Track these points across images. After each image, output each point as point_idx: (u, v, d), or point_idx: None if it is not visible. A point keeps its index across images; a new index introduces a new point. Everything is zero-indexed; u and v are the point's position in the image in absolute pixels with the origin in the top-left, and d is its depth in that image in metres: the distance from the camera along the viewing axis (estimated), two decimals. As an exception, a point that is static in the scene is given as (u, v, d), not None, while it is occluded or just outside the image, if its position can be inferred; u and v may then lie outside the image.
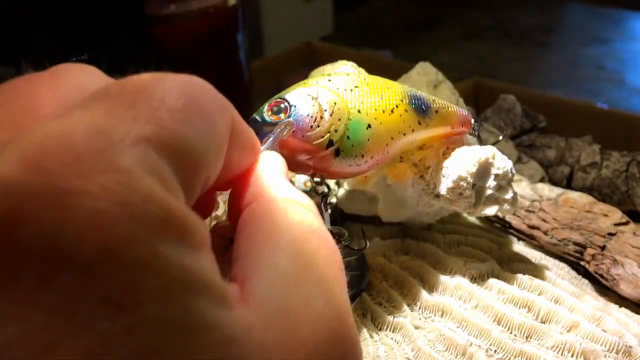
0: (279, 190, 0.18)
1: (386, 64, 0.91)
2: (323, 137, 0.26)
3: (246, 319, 0.13)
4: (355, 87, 0.29)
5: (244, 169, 0.19)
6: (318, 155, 0.27)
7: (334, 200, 0.40)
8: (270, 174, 0.19)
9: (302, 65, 0.94)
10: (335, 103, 0.27)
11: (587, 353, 0.32)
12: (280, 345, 0.14)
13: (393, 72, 0.50)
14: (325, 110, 0.27)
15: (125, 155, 0.12)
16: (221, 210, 0.29)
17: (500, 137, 0.36)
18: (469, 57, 2.05)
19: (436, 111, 0.32)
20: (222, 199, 0.29)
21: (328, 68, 0.39)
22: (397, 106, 0.30)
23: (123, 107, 0.13)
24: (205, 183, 0.16)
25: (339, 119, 0.27)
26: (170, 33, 0.56)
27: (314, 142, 0.26)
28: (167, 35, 0.55)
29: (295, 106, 0.26)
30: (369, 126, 0.28)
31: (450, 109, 0.34)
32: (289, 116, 0.26)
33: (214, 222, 0.29)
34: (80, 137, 0.12)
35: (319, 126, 0.26)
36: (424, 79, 0.45)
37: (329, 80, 0.28)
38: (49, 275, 0.11)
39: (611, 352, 0.32)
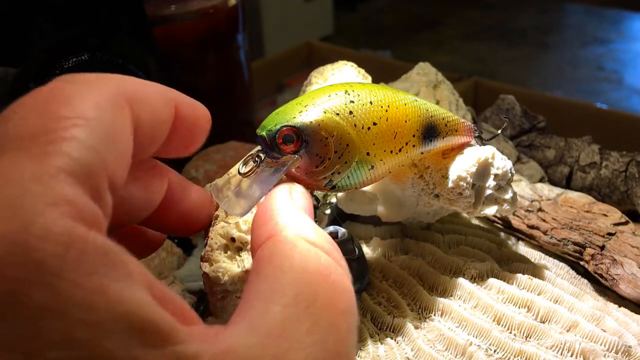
0: (293, 228, 0.18)
1: (386, 64, 0.91)
2: (324, 176, 0.26)
3: (194, 353, 0.13)
4: (374, 124, 0.27)
5: (158, 142, 0.19)
6: (313, 188, 0.26)
7: (333, 200, 0.40)
8: (287, 209, 0.19)
9: (302, 65, 0.94)
10: (347, 145, 0.26)
11: (587, 353, 0.32)
12: None
13: (393, 72, 0.50)
14: (336, 152, 0.25)
15: (28, 196, 0.12)
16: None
17: (499, 132, 0.36)
18: (468, 57, 2.05)
19: (443, 137, 0.31)
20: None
21: (328, 68, 0.39)
22: (406, 143, 0.29)
23: (22, 144, 0.14)
24: (116, 184, 0.15)
25: (346, 162, 0.26)
26: (170, 33, 0.56)
27: (314, 179, 0.26)
28: (167, 36, 0.55)
29: (307, 142, 0.25)
30: (372, 167, 0.27)
31: (456, 128, 0.32)
32: (298, 151, 0.25)
33: (214, 223, 0.29)
34: None
35: (324, 167, 0.25)
36: (424, 79, 0.45)
37: (351, 112, 0.26)
38: None
39: (610, 351, 0.32)
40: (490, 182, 0.33)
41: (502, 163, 0.33)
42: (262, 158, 0.25)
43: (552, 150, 0.53)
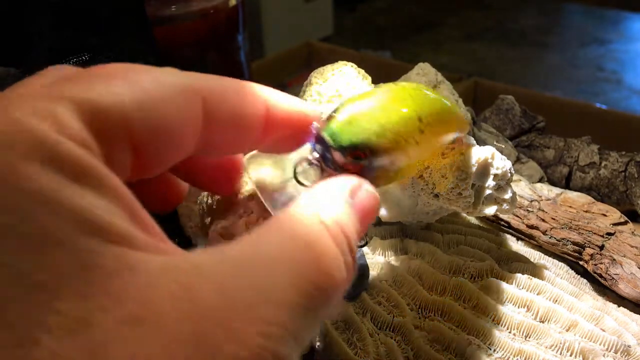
0: (327, 213, 0.17)
1: (386, 64, 0.91)
2: None
3: (151, 257, 0.13)
4: (424, 149, 0.26)
5: (246, 143, 0.20)
6: None
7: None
8: (319, 193, 0.19)
9: (302, 65, 0.94)
10: (400, 169, 0.25)
11: (586, 352, 0.32)
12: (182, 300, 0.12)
13: (393, 73, 0.50)
14: (390, 175, 0.25)
15: (18, 101, 0.13)
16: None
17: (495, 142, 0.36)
18: (468, 57, 2.06)
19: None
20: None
21: (328, 68, 0.39)
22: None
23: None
24: (146, 158, 0.16)
25: (390, 182, 0.25)
26: (171, 34, 0.56)
27: None
28: (168, 36, 0.55)
29: (371, 163, 0.23)
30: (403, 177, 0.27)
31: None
32: (361, 170, 0.23)
33: (214, 222, 0.29)
34: None
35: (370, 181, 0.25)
36: (424, 79, 0.46)
37: (417, 142, 0.25)
38: None
39: (610, 351, 0.33)
40: (490, 182, 0.33)
41: (501, 163, 0.33)
42: (322, 167, 0.23)
43: (551, 151, 0.53)
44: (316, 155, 0.22)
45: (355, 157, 0.22)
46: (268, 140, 0.21)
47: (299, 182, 0.23)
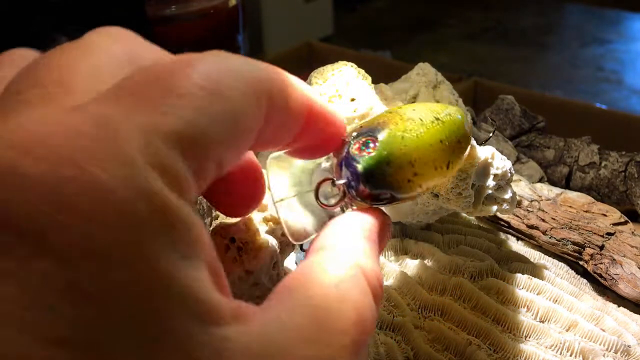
0: (351, 255, 0.18)
1: (386, 64, 0.91)
2: None
3: (240, 336, 0.13)
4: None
5: (283, 142, 0.19)
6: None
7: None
8: (351, 232, 0.19)
9: (302, 65, 0.94)
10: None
11: (586, 352, 0.32)
12: None
13: (393, 73, 0.50)
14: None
15: (128, 146, 0.12)
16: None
17: (490, 135, 0.36)
18: (468, 57, 2.06)
19: None
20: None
21: (328, 68, 0.39)
22: None
23: (140, 95, 0.13)
24: (222, 166, 0.15)
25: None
26: (171, 33, 0.56)
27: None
28: (168, 36, 0.55)
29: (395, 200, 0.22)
30: None
31: None
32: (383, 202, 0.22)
33: (215, 222, 0.29)
34: (86, 126, 0.12)
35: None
36: (424, 80, 0.46)
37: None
38: (31, 256, 0.11)
39: (610, 351, 0.33)
40: (490, 182, 0.33)
41: (501, 163, 0.33)
42: (345, 191, 0.21)
43: (551, 151, 0.53)
44: (342, 181, 0.21)
45: (382, 195, 0.21)
46: (301, 141, 0.20)
47: (319, 203, 0.22)
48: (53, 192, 0.11)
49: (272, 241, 0.26)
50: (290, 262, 0.39)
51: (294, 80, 0.18)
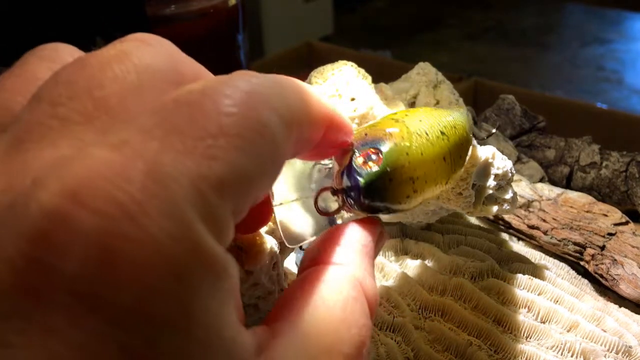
0: (350, 267, 0.18)
1: (386, 64, 0.91)
2: None
3: None
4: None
5: (299, 156, 0.19)
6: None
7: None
8: (352, 247, 0.19)
9: (302, 65, 0.94)
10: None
11: (587, 353, 0.32)
12: None
13: (393, 72, 0.50)
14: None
15: (180, 198, 0.12)
16: None
17: (493, 130, 0.36)
18: (468, 57, 2.06)
19: None
20: None
21: (328, 68, 0.39)
22: None
23: (186, 134, 0.13)
24: (256, 201, 0.15)
25: None
26: (170, 33, 0.55)
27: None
28: (167, 36, 0.55)
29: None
30: None
31: None
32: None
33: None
34: (136, 172, 0.12)
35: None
36: (424, 79, 0.45)
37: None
38: (82, 314, 0.11)
39: (611, 352, 0.32)
40: (491, 182, 0.33)
41: (502, 163, 0.33)
42: (344, 200, 0.22)
43: (552, 150, 0.53)
44: (341, 192, 0.21)
45: (380, 208, 0.21)
46: (313, 150, 0.19)
47: (319, 211, 0.22)
48: (108, 249, 0.11)
49: (272, 242, 0.26)
50: (290, 262, 0.39)
51: (314, 96, 0.18)
